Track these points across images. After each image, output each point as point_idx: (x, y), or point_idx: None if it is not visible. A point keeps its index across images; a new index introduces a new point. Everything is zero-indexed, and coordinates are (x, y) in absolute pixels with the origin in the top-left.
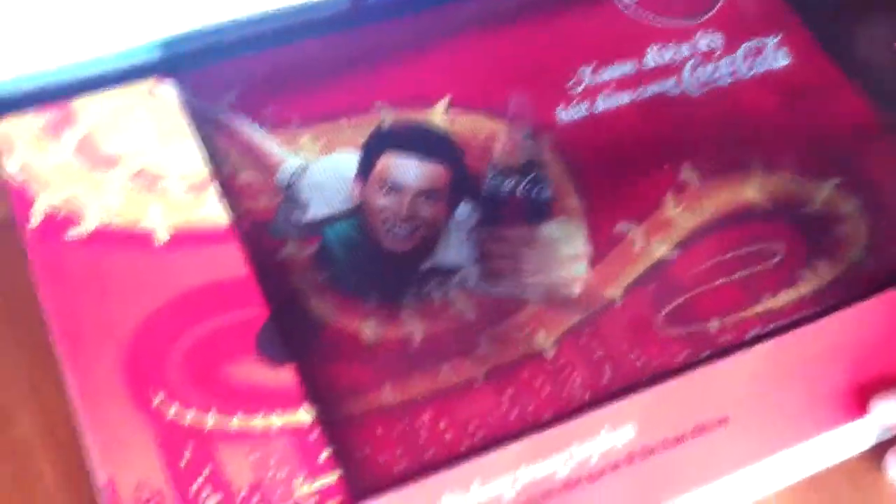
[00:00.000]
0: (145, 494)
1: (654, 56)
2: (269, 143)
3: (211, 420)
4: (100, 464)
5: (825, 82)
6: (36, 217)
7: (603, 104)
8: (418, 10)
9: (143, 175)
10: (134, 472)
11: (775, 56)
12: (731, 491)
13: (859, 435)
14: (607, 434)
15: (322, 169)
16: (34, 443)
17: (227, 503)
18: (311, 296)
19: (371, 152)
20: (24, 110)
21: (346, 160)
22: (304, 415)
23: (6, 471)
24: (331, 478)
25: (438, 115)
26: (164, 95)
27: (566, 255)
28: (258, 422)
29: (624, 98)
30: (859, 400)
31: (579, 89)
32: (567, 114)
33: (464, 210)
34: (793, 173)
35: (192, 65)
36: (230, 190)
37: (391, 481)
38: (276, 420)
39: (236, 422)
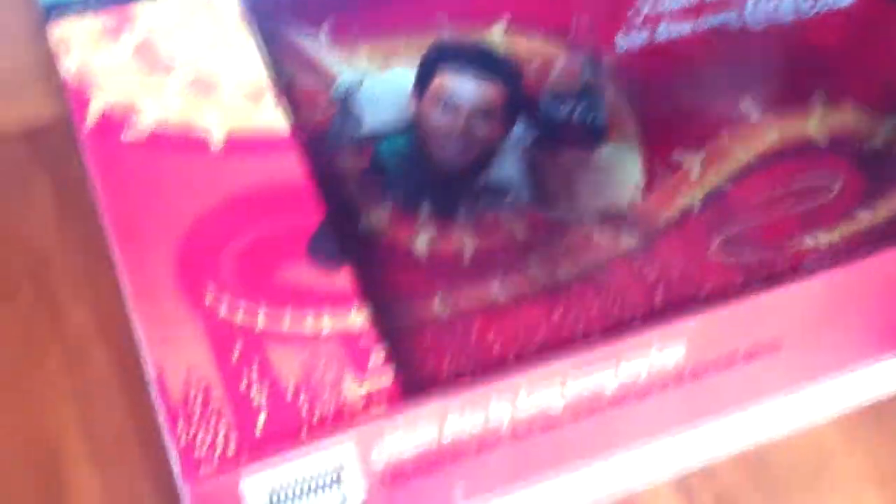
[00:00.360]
0: (194, 388)
1: None
2: (327, 55)
3: (261, 320)
4: (151, 357)
5: (889, 21)
6: (92, 117)
7: (663, 33)
8: None
9: (200, 81)
10: (184, 366)
11: None
12: (780, 415)
13: None
14: (657, 354)
15: (378, 83)
16: (88, 332)
17: (275, 400)
18: (363, 206)
19: (428, 69)
20: (83, 12)
21: (403, 76)
22: (354, 319)
23: (61, 358)
24: (380, 381)
25: (497, 35)
26: (225, 3)
27: (620, 180)
28: (308, 323)
29: (685, 28)
30: None
31: (640, 17)
32: (627, 41)
33: (519, 131)
34: (854, 109)
35: None
36: (287, 99)
37: (437, 388)
38: (327, 323)
39: (287, 322)
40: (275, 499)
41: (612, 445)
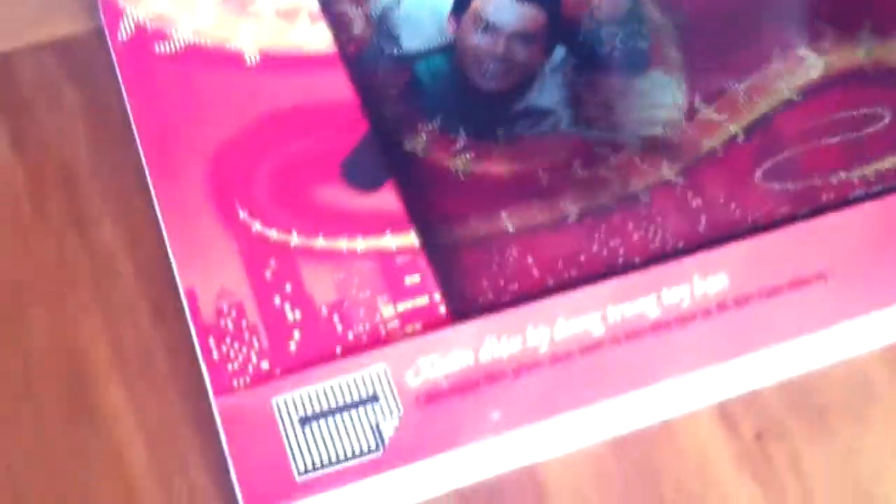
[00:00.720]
0: (226, 304)
1: None
2: None
3: (296, 237)
4: (182, 272)
5: None
6: (125, 30)
7: None
8: None
9: None
10: (216, 282)
11: None
12: (826, 347)
13: None
14: (699, 281)
15: (416, 2)
16: (116, 247)
17: (309, 318)
18: (399, 126)
19: None
20: None
21: None
22: (389, 240)
23: (90, 274)
24: (416, 302)
25: None
26: None
27: (663, 105)
28: (343, 243)
29: None
30: None
31: None
32: None
33: (559, 54)
34: None
35: None
36: (323, 18)
37: (474, 310)
38: (361, 243)
39: (321, 241)
40: (307, 416)
41: (653, 374)
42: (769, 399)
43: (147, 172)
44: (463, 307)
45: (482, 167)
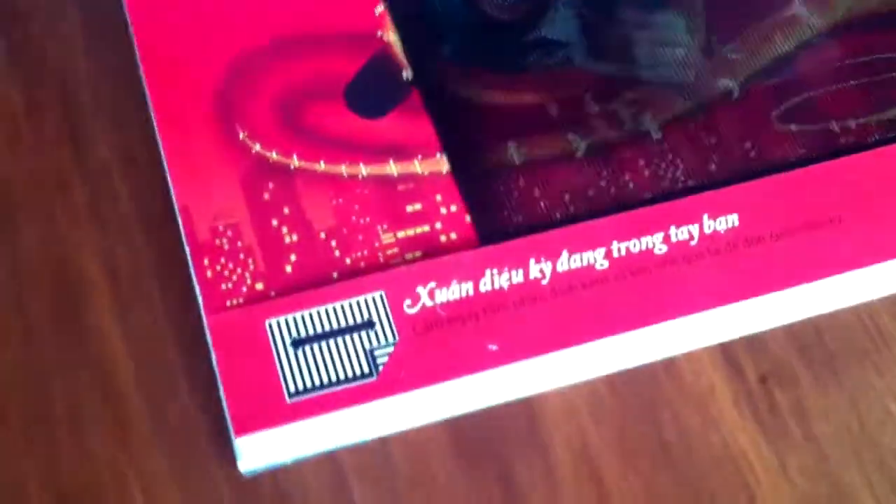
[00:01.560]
0: (222, 224)
1: None
2: None
3: (296, 161)
4: (178, 190)
5: None
6: None
7: None
8: None
9: None
10: (213, 202)
11: None
12: (836, 292)
13: None
14: (709, 220)
15: None
16: (112, 166)
17: (307, 241)
18: (406, 54)
19: None
20: None
21: None
22: (392, 167)
23: (81, 187)
24: (415, 230)
25: None
26: None
27: (680, 42)
28: (344, 169)
29: None
30: None
31: None
32: None
33: None
34: None
35: None
36: None
37: (475, 240)
38: (364, 169)
39: (322, 165)
40: (300, 339)
41: (657, 312)
42: (775, 342)
43: (146, 90)
44: (463, 237)
45: (491, 97)
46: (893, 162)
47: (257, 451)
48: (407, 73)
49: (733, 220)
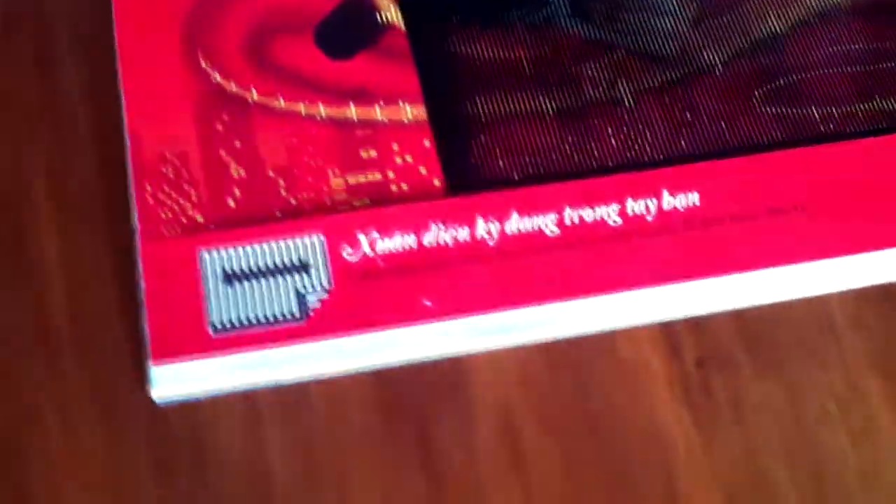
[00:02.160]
0: (169, 152)
1: None
2: None
3: (255, 94)
4: (130, 113)
5: None
6: None
7: None
8: None
9: None
10: (164, 129)
11: None
12: (791, 281)
13: None
14: (668, 196)
15: None
16: (75, 90)
17: (252, 177)
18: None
19: None
20: None
21: None
22: (352, 111)
23: (41, 109)
24: (367, 177)
25: None
26: None
27: (670, 11)
28: (303, 108)
29: None
30: None
31: None
32: None
33: None
34: None
35: None
36: None
37: (426, 193)
38: (323, 110)
39: (280, 102)
40: (232, 273)
41: (600, 284)
42: (720, 327)
43: (113, 11)
44: (415, 189)
45: (464, 50)
46: (870, 155)
47: (172, 381)
48: (382, 16)
49: (694, 198)
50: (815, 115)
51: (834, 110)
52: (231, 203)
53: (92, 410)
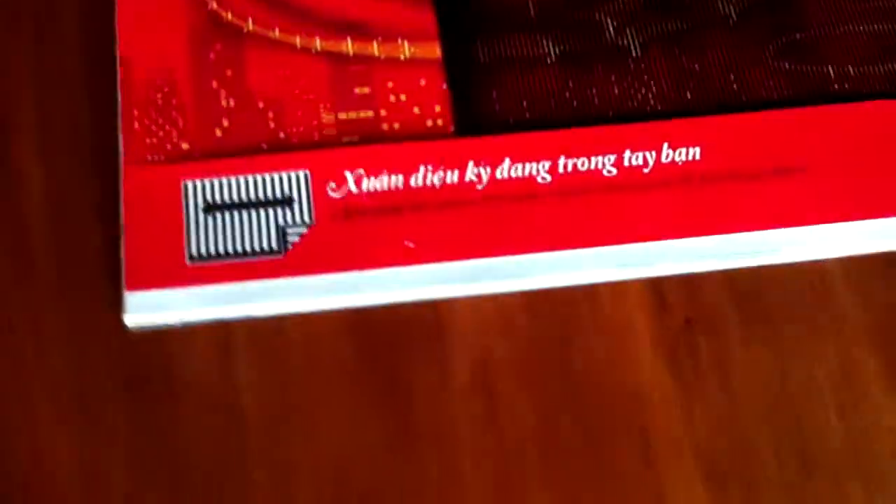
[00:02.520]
0: (160, 78)
1: None
2: None
3: (250, 24)
4: (123, 38)
5: None
6: None
7: None
8: None
9: None
10: (155, 55)
11: None
12: (788, 244)
13: None
14: (668, 149)
15: None
16: (65, 9)
17: (242, 108)
18: None
19: None
20: None
21: None
22: (348, 46)
23: (32, 28)
24: (358, 114)
25: None
26: None
27: None
28: (299, 40)
29: None
30: None
31: None
32: None
33: None
34: None
35: None
36: None
37: (417, 133)
38: (318, 44)
39: (276, 34)
40: (214, 204)
41: (590, 236)
42: (711, 287)
43: None
44: (403, 128)
45: None
46: (883, 118)
47: (146, 308)
48: None
49: (695, 153)
50: (831, 72)
51: (851, 69)
52: (218, 133)
53: (65, 330)
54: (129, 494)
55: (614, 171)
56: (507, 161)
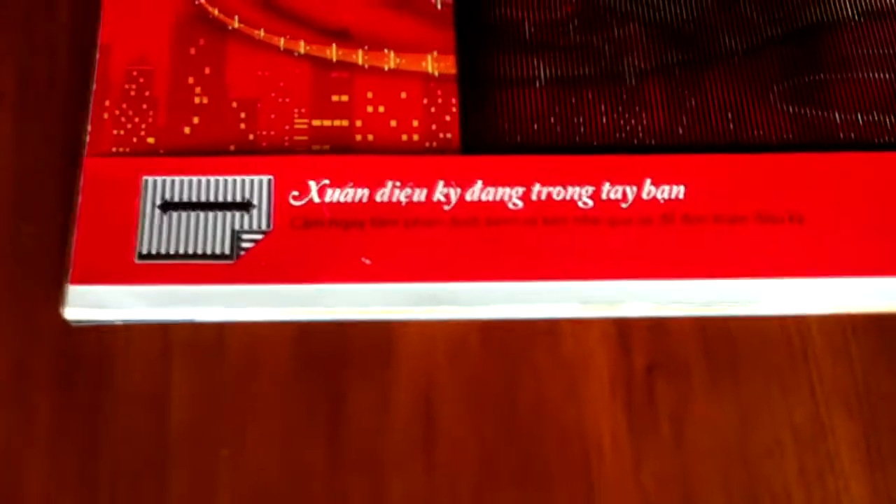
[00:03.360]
0: (137, 70)
1: None
2: None
3: (236, 22)
4: (106, 26)
5: None
6: None
7: None
8: None
9: None
10: (136, 46)
11: None
12: (767, 296)
13: None
14: (650, 185)
15: None
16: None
17: (214, 107)
18: None
19: None
20: None
21: None
22: (332, 52)
23: (23, 11)
24: (332, 122)
25: None
26: None
27: None
28: (283, 42)
29: None
30: None
31: None
32: None
33: None
34: None
35: None
36: None
37: (390, 147)
38: (302, 47)
39: (261, 33)
40: (171, 203)
41: (556, 269)
42: (680, 332)
43: None
44: (381, 141)
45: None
46: (885, 171)
47: (88, 304)
48: None
49: (679, 191)
50: (837, 119)
51: (859, 117)
52: (187, 130)
53: (6, 319)
54: (44, 485)
55: (590, 203)
56: (479, 183)
